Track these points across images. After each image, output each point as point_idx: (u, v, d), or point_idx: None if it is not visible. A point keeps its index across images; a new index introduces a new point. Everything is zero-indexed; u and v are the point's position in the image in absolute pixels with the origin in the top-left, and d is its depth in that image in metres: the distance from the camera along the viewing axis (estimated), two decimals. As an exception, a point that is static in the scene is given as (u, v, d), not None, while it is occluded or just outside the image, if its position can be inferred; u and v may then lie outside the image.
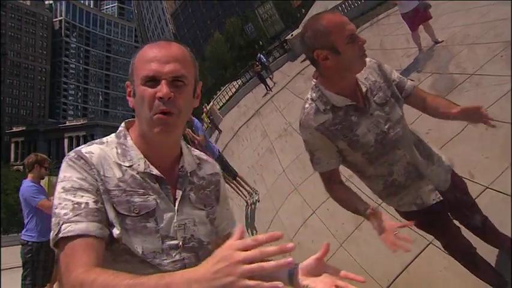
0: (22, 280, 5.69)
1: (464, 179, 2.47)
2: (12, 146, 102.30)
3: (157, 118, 1.27)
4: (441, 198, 2.26)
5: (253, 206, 4.07)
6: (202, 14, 4.36)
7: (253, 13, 3.72)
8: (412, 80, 2.27)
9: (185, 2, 4.53)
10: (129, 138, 1.36)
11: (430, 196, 2.28)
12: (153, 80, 1.28)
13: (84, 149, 1.32)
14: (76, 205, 1.22)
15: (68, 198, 1.23)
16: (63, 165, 1.29)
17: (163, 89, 1.26)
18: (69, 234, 1.17)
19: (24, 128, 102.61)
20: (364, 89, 2.09)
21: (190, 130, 4.83)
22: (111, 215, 1.25)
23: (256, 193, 3.99)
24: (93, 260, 1.16)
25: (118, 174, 1.29)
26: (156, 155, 1.37)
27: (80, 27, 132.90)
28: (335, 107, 2.06)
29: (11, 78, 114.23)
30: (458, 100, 2.64)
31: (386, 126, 2.12)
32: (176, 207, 1.35)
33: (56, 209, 1.23)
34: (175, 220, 1.33)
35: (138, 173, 1.31)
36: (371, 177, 2.27)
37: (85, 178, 1.25)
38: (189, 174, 1.43)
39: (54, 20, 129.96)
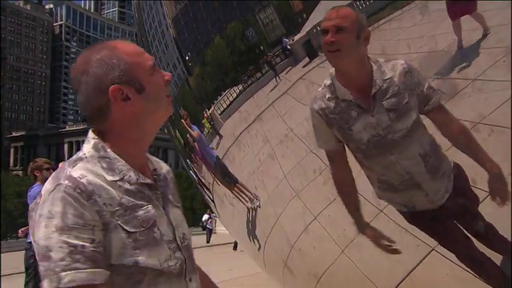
0: (24, 286, 5.70)
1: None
2: (12, 151, 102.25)
3: (170, 97, 1.37)
4: (435, 207, 2.31)
5: (254, 212, 4.05)
6: (203, 18, 4.36)
7: (254, 18, 3.72)
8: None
9: (186, 6, 4.53)
10: (108, 149, 1.30)
11: (422, 204, 2.35)
12: (153, 68, 1.34)
13: (74, 173, 1.23)
14: (72, 248, 1.13)
15: (62, 240, 1.13)
16: (53, 196, 1.18)
17: (167, 72, 1.36)
18: (70, 285, 1.11)
19: (24, 133, 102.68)
20: (373, 91, 2.10)
21: (184, 122, 4.82)
22: (122, 240, 1.21)
23: (257, 199, 3.97)
24: None
25: (116, 192, 1.24)
26: (138, 162, 1.35)
27: (80, 31, 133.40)
28: (339, 97, 2.16)
29: (10, 83, 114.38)
30: (460, 105, 2.63)
31: (384, 131, 2.16)
32: (167, 210, 1.37)
33: (49, 251, 1.13)
34: (169, 223, 1.35)
35: (131, 185, 1.27)
36: (367, 169, 2.37)
37: (81, 214, 1.17)
38: (162, 174, 1.45)
39: (55, 24, 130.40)
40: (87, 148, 1.31)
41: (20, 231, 6.86)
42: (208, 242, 22.62)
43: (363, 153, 2.28)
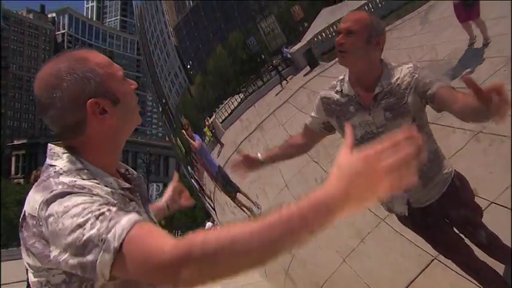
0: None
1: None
2: (13, 159, 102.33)
3: (139, 109, 1.36)
4: (406, 214, 2.37)
5: None
6: (205, 27, 4.38)
7: (255, 27, 3.74)
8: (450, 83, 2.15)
9: (188, 16, 4.56)
10: (85, 161, 1.25)
11: (398, 208, 2.41)
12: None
13: (64, 179, 1.16)
14: (101, 216, 1.04)
15: (86, 219, 1.04)
16: (54, 201, 1.09)
17: (132, 81, 1.35)
18: (123, 236, 0.99)
19: (25, 141, 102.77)
20: (377, 91, 2.19)
21: (185, 133, 4.82)
22: None
23: (258, 207, 3.97)
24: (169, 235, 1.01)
25: (108, 189, 1.21)
26: (112, 169, 1.33)
27: (83, 40, 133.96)
28: (343, 92, 2.29)
29: (12, 91, 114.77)
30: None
31: (378, 129, 2.22)
32: (147, 209, 1.37)
33: (81, 238, 1.02)
34: (152, 220, 1.35)
35: (114, 191, 1.24)
36: None
37: (92, 198, 1.09)
38: (135, 173, 1.45)
39: (57, 33, 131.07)
40: (61, 163, 1.23)
41: None
42: None
43: (356, 148, 2.32)
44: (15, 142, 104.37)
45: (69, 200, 1.09)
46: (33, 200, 1.15)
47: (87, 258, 1.02)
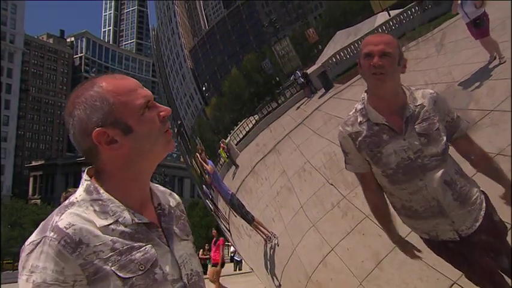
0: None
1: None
2: (31, 179, 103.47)
3: (169, 133, 1.31)
4: (458, 239, 2.26)
5: (272, 250, 4.00)
6: (220, 50, 4.44)
7: (270, 50, 3.79)
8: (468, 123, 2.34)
9: (203, 39, 4.63)
10: (101, 190, 1.25)
11: (446, 234, 2.29)
12: (148, 105, 1.27)
13: (61, 222, 1.17)
14: None
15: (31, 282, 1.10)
16: (38, 249, 1.15)
17: (165, 107, 1.31)
18: None
19: (43, 162, 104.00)
20: (407, 114, 2.17)
21: (199, 156, 4.83)
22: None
23: (275, 237, 3.93)
24: None
25: (108, 237, 1.18)
26: (137, 199, 1.29)
27: (99, 62, 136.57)
28: (371, 121, 2.20)
29: (31, 113, 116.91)
30: (478, 137, 2.61)
31: (415, 155, 2.17)
32: (172, 247, 1.30)
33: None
34: (174, 261, 1.29)
35: (126, 227, 1.21)
36: (391, 195, 2.34)
37: (62, 270, 1.12)
38: (167, 209, 1.38)
39: (75, 56, 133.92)
40: (79, 192, 1.27)
41: None
42: (235, 270, 22.65)
43: (388, 178, 2.25)
44: (33, 163, 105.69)
45: (42, 261, 1.13)
46: (34, 232, 1.20)
47: None
